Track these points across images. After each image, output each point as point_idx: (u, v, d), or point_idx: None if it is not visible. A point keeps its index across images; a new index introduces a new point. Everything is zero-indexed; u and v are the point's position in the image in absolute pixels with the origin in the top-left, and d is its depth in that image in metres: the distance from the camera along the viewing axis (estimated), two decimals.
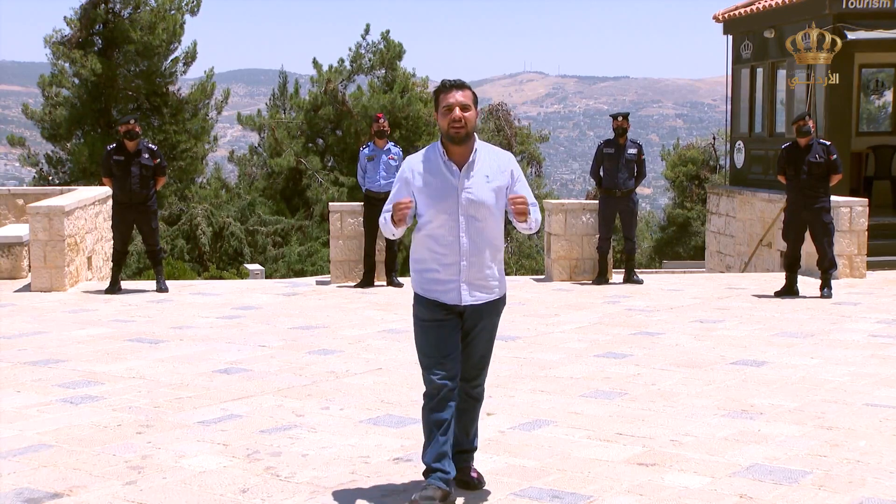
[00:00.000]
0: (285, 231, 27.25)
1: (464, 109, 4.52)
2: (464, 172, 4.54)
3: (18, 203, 14.23)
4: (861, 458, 5.32)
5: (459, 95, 4.54)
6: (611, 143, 12.32)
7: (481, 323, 4.64)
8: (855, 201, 13.27)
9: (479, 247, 4.56)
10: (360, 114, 28.41)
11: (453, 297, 4.57)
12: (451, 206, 4.53)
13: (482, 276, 4.59)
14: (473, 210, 4.53)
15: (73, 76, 26.30)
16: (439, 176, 4.55)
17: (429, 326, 4.59)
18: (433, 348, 4.58)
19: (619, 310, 10.28)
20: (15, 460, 5.23)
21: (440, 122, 4.56)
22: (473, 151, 4.57)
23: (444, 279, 4.57)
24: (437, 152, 4.60)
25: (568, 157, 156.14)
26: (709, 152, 36.08)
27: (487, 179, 4.56)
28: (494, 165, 4.60)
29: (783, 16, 17.22)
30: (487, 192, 4.55)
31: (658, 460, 5.26)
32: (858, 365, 7.61)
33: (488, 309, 4.65)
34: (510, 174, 4.64)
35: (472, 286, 4.58)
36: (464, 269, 4.55)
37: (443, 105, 4.55)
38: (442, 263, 4.56)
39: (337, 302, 10.76)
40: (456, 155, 4.56)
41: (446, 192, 4.53)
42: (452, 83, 4.60)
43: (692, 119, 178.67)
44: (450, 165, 4.55)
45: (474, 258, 4.56)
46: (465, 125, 4.51)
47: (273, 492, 4.78)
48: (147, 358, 7.76)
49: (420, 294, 4.65)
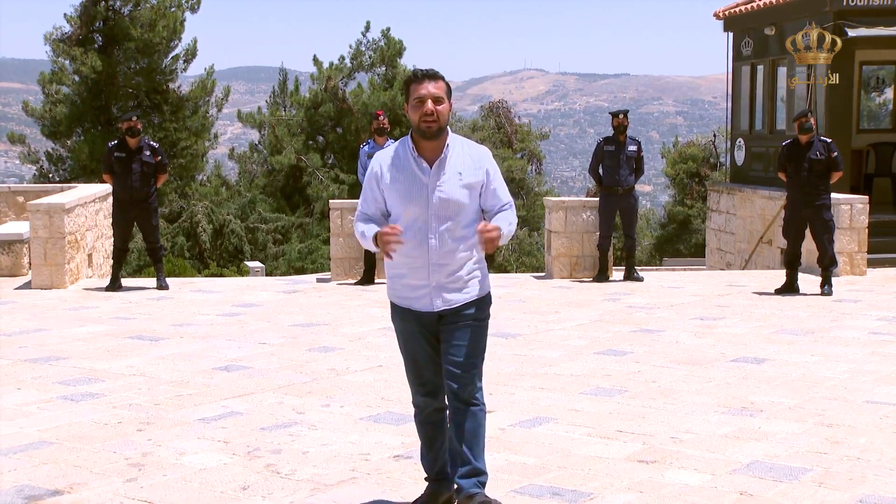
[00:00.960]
0: (286, 228, 27.24)
1: (436, 102, 4.17)
2: (435, 170, 4.21)
3: (19, 200, 14.23)
4: (861, 455, 5.32)
5: (432, 86, 4.18)
6: (611, 141, 12.32)
7: (462, 320, 4.29)
8: (855, 198, 13.26)
9: (449, 248, 4.22)
10: (360, 111, 28.40)
11: (425, 303, 4.27)
12: (420, 205, 4.20)
13: (454, 278, 4.26)
14: (445, 210, 4.21)
15: (73, 73, 26.30)
16: (409, 173, 4.22)
17: (405, 339, 4.37)
18: (410, 363, 4.39)
19: (620, 307, 10.28)
20: (15, 457, 5.23)
21: (410, 115, 4.21)
22: (446, 147, 4.24)
23: (415, 284, 4.27)
24: (406, 148, 4.26)
25: (568, 155, 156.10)
26: (709, 149, 36.06)
27: (460, 177, 4.23)
28: (468, 161, 4.27)
29: (784, 13, 17.21)
30: (459, 189, 4.22)
31: (658, 457, 5.26)
32: (859, 362, 7.62)
33: (468, 308, 4.31)
34: (485, 171, 4.30)
35: (443, 289, 4.25)
36: (433, 272, 4.23)
37: (413, 97, 4.19)
38: (412, 267, 4.24)
39: (337, 299, 10.76)
40: (427, 150, 4.23)
41: (416, 191, 4.20)
42: (424, 73, 4.22)
43: (693, 116, 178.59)
44: (420, 162, 4.22)
45: (445, 260, 4.22)
46: (437, 119, 4.16)
47: (273, 489, 4.79)
48: (147, 355, 7.76)
49: (393, 301, 4.38)
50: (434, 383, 4.37)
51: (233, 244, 25.76)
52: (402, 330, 4.37)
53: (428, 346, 4.34)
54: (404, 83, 4.28)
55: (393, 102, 27.82)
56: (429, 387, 4.38)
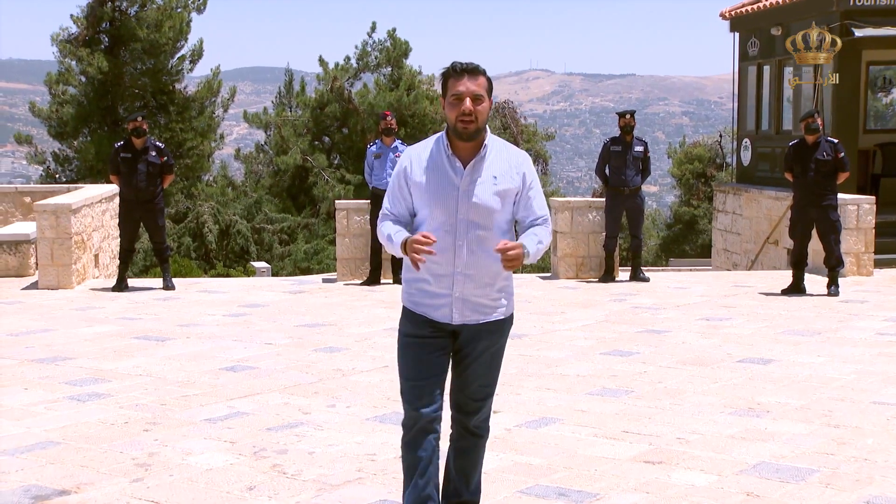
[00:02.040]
0: (292, 229, 27.24)
1: (476, 101, 3.84)
2: (468, 171, 3.90)
3: (25, 201, 14.26)
4: (868, 456, 5.31)
5: (472, 83, 3.86)
6: (617, 141, 12.31)
7: (481, 344, 3.98)
8: (862, 199, 13.23)
9: (478, 258, 3.89)
10: (366, 111, 28.41)
11: (444, 314, 3.93)
12: (449, 207, 3.89)
13: (480, 293, 3.93)
14: (475, 215, 3.89)
15: (79, 74, 26.35)
16: (440, 171, 3.92)
17: (411, 343, 3.99)
18: (412, 369, 3.97)
19: (626, 307, 10.27)
20: (22, 457, 5.24)
21: (447, 112, 3.89)
22: (483, 147, 3.92)
23: (436, 292, 3.93)
24: (441, 145, 3.96)
25: (574, 155, 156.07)
26: (715, 150, 36.02)
27: (495, 181, 3.91)
28: (505, 165, 3.95)
29: (790, 13, 17.18)
30: (492, 195, 3.90)
31: (664, 458, 5.25)
32: (866, 363, 7.60)
33: (489, 329, 3.98)
34: (522, 177, 3.96)
35: (466, 304, 3.92)
36: (458, 283, 3.90)
37: (451, 93, 3.87)
38: (435, 273, 3.91)
39: (343, 300, 10.76)
40: (462, 150, 3.92)
41: (446, 191, 3.90)
42: (464, 67, 3.89)
43: (699, 117, 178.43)
44: (453, 161, 3.91)
45: (472, 271, 3.90)
46: (475, 119, 3.84)
47: (279, 489, 4.79)
48: (154, 355, 7.77)
49: (407, 307, 4.03)
50: (432, 396, 3.97)
51: (239, 244, 25.76)
52: (410, 335, 4.00)
53: (436, 356, 3.97)
54: (441, 76, 3.94)
55: (399, 103, 27.83)
56: (426, 399, 3.95)
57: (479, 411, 4.09)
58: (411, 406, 3.96)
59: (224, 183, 29.61)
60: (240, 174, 32.59)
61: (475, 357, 3.99)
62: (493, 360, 4.05)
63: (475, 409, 4.07)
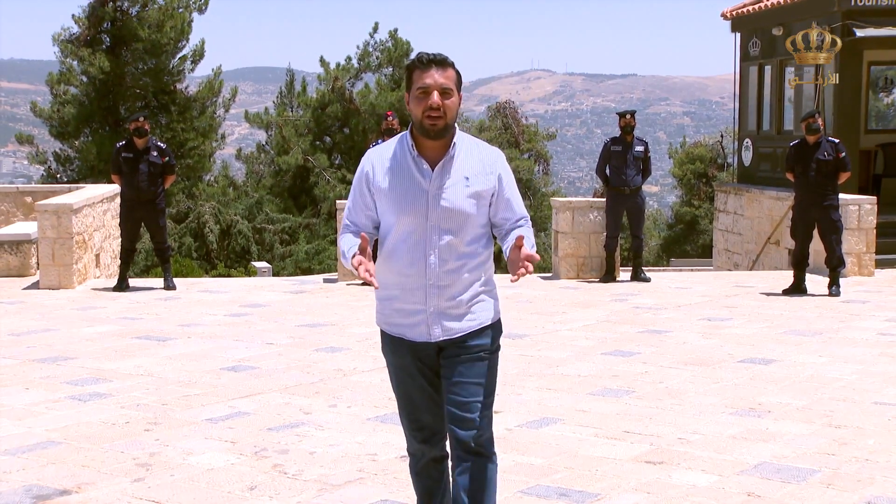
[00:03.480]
0: (293, 229, 27.26)
1: (444, 94, 3.49)
2: (437, 173, 3.54)
3: (27, 201, 14.27)
4: (870, 456, 5.31)
5: (439, 75, 3.50)
6: (618, 141, 12.31)
7: (466, 354, 3.61)
8: (863, 199, 13.23)
9: (451, 267, 3.56)
10: (367, 112, 28.43)
11: (421, 332, 3.59)
12: (418, 213, 3.53)
13: (456, 302, 3.59)
14: (447, 221, 3.53)
15: (81, 74, 26.38)
16: (406, 175, 3.55)
17: (396, 374, 3.70)
18: (406, 403, 3.70)
19: (627, 308, 10.27)
20: (24, 457, 5.24)
21: (412, 108, 3.54)
22: (451, 146, 3.56)
23: (409, 309, 3.59)
24: (405, 146, 3.60)
25: (575, 155, 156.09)
26: (717, 150, 36.03)
27: (467, 182, 3.56)
28: (477, 164, 3.60)
29: (791, 13, 17.18)
30: (465, 198, 3.55)
31: (666, 458, 5.25)
32: (867, 363, 7.60)
33: (474, 338, 3.63)
34: (497, 178, 3.62)
35: (443, 316, 3.58)
36: (432, 296, 3.55)
37: (416, 86, 3.52)
38: (406, 289, 3.57)
39: (344, 300, 10.77)
40: (429, 150, 3.56)
41: (413, 197, 3.53)
42: (431, 58, 3.53)
43: (700, 117, 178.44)
44: (420, 163, 3.55)
45: (445, 281, 3.55)
46: (444, 115, 3.49)
47: (281, 489, 4.79)
48: (155, 355, 7.78)
49: (383, 330, 3.70)
50: (433, 428, 3.71)
51: (240, 245, 25.77)
52: (394, 364, 3.70)
53: (426, 384, 3.66)
54: (406, 69, 3.59)
55: (400, 103, 27.83)
56: (426, 432, 3.71)
57: (477, 426, 3.61)
58: (415, 439, 3.72)
59: (225, 183, 29.62)
60: (241, 174, 32.62)
61: (463, 369, 3.60)
62: (482, 369, 3.63)
63: (470, 426, 3.59)
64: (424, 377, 3.66)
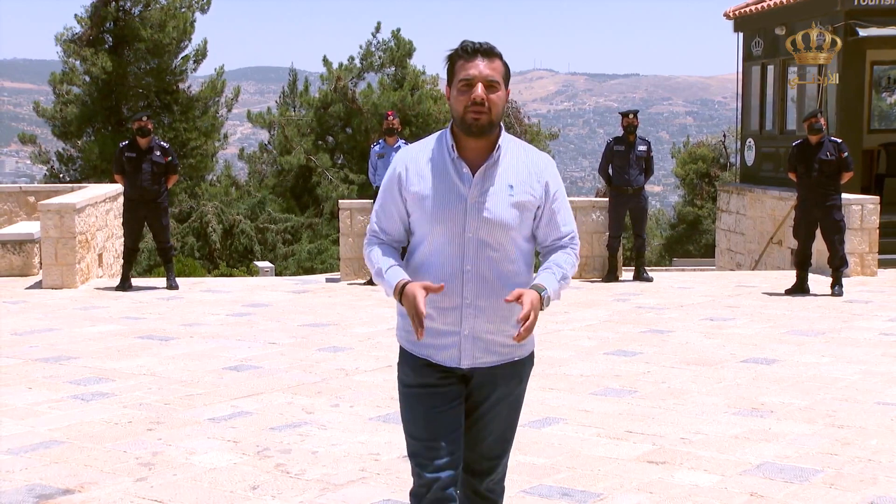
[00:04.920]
0: (295, 228, 27.26)
1: (490, 88, 3.10)
2: (479, 177, 3.14)
3: (30, 200, 14.28)
4: (872, 456, 5.31)
5: (485, 66, 3.10)
6: (621, 141, 12.32)
7: (497, 391, 3.27)
8: (866, 199, 13.22)
9: (491, 285, 3.17)
10: (370, 111, 28.42)
11: (451, 355, 3.20)
12: (455, 222, 3.15)
13: (495, 329, 3.21)
14: (486, 232, 3.15)
15: (83, 74, 26.40)
16: (444, 179, 3.16)
17: (416, 395, 3.24)
18: (421, 427, 3.22)
19: (629, 307, 10.27)
20: (26, 456, 5.25)
21: (453, 103, 3.13)
22: (497, 149, 3.16)
23: (440, 329, 3.19)
24: (444, 145, 3.20)
25: (578, 155, 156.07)
26: (719, 150, 36.01)
27: (511, 191, 3.16)
28: (523, 171, 3.19)
29: (794, 13, 17.17)
30: (508, 208, 3.15)
31: (668, 458, 5.25)
32: (870, 363, 7.59)
33: (507, 373, 3.28)
34: (544, 187, 3.21)
35: (478, 343, 3.20)
36: (467, 317, 3.17)
37: (460, 78, 3.11)
38: (438, 306, 3.17)
39: (347, 299, 10.77)
40: (471, 151, 3.16)
41: (450, 203, 3.14)
42: (476, 47, 3.13)
43: (702, 116, 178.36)
44: (460, 165, 3.15)
45: (484, 301, 3.17)
46: (489, 111, 3.09)
47: (283, 489, 4.79)
48: (158, 355, 7.78)
49: (406, 349, 3.30)
50: (449, 458, 3.21)
51: (242, 244, 25.78)
52: (413, 385, 3.26)
53: (449, 409, 3.22)
54: (448, 58, 3.18)
55: (402, 103, 27.84)
56: (441, 462, 3.20)
57: (493, 471, 3.34)
58: (423, 469, 3.21)
59: (228, 183, 29.65)
60: (243, 174, 32.63)
61: (489, 408, 3.28)
62: (510, 410, 3.32)
63: (488, 469, 3.33)
64: (446, 399, 3.22)
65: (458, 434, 3.23)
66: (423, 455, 3.20)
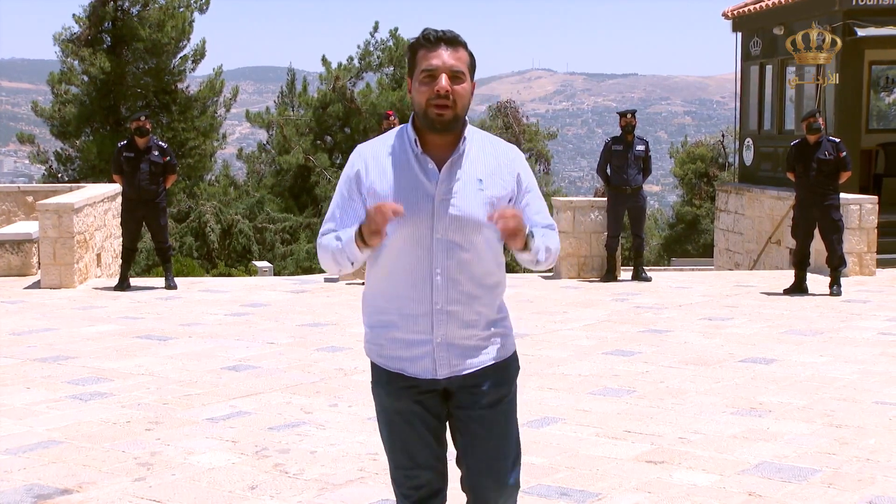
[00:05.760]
0: (294, 228, 27.27)
1: (454, 79, 2.88)
2: (445, 174, 2.93)
3: (28, 200, 14.27)
4: (871, 456, 5.31)
5: (449, 56, 2.88)
6: (619, 140, 12.32)
7: (482, 400, 3.01)
8: (865, 199, 13.23)
9: (462, 288, 2.96)
10: (368, 111, 28.43)
11: (425, 367, 2.98)
12: (421, 223, 2.92)
13: (468, 334, 2.99)
14: (457, 232, 2.93)
15: (82, 74, 26.40)
16: (407, 175, 2.94)
17: (393, 422, 3.04)
18: (400, 455, 3.03)
19: (628, 307, 10.27)
20: (24, 456, 5.24)
21: (415, 96, 2.91)
22: (462, 142, 2.95)
23: (411, 339, 2.99)
24: (405, 140, 2.97)
25: (576, 155, 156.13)
26: (718, 150, 36.02)
27: (480, 185, 2.95)
28: (492, 163, 2.99)
29: (792, 13, 17.17)
30: (479, 204, 2.93)
31: (667, 458, 5.25)
32: (868, 363, 7.59)
33: (488, 376, 3.02)
34: (515, 179, 3.02)
35: (453, 349, 2.98)
36: (439, 324, 2.96)
37: (421, 68, 2.89)
38: (406, 314, 2.99)
39: (345, 299, 10.77)
40: (435, 147, 2.94)
41: (416, 202, 2.91)
42: (439, 35, 2.91)
43: (701, 116, 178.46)
44: (424, 161, 2.93)
45: (455, 306, 2.96)
46: (453, 104, 2.87)
47: (282, 488, 4.79)
48: (156, 355, 7.78)
49: (377, 364, 3.11)
50: (432, 486, 3.05)
51: (241, 244, 25.79)
52: (387, 408, 3.07)
53: (426, 432, 3.02)
54: (409, 48, 2.98)
55: (401, 103, 27.85)
56: (424, 491, 3.04)
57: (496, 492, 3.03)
58: (406, 499, 3.05)
59: (226, 182, 29.65)
60: (242, 174, 32.63)
61: (478, 417, 3.02)
62: (505, 415, 3.05)
63: (488, 491, 3.03)
64: (425, 424, 3.02)
65: (438, 459, 3.05)
66: (405, 484, 3.05)
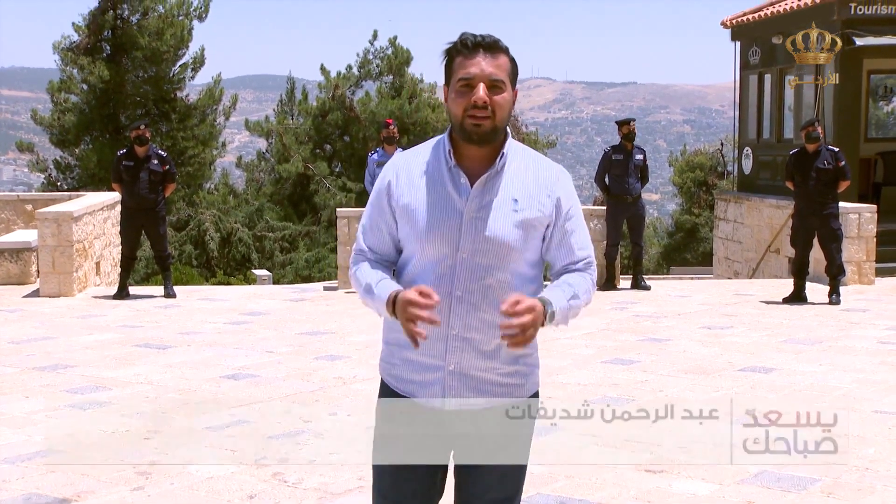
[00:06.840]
0: (293, 237, 27.28)
1: (493, 88, 2.64)
2: (477, 190, 2.69)
3: (27, 209, 14.27)
4: (870, 465, 5.30)
5: (488, 64, 2.63)
6: (619, 150, 12.33)
7: (490, 440, 2.79)
8: (863, 207, 13.23)
9: (483, 317, 2.69)
10: (367, 119, 28.46)
11: (433, 393, 2.73)
12: (447, 241, 2.68)
13: (485, 366, 2.73)
14: (484, 255, 2.68)
15: (81, 82, 26.42)
16: (437, 189, 2.70)
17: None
18: (390, 485, 2.82)
19: (627, 316, 10.27)
20: (23, 465, 5.24)
21: (451, 106, 2.67)
22: (500, 157, 2.70)
23: (423, 362, 2.74)
24: (441, 152, 2.74)
25: (575, 163, 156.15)
26: (717, 158, 36.06)
27: (515, 205, 2.69)
28: (531, 184, 2.72)
29: (791, 22, 17.20)
30: (510, 225, 2.68)
31: (666, 467, 5.24)
32: (867, 372, 7.59)
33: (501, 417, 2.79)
34: (555, 203, 2.74)
35: (466, 380, 2.72)
36: (454, 350, 2.70)
37: (458, 77, 2.65)
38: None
39: (344, 308, 10.76)
40: (470, 160, 2.71)
41: (443, 217, 2.68)
42: (478, 41, 2.65)
43: (700, 125, 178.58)
44: (457, 175, 2.70)
45: (474, 334, 2.70)
46: (492, 115, 2.63)
47: (281, 498, 4.78)
48: (155, 363, 7.77)
49: (386, 382, 2.87)
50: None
51: (240, 252, 25.79)
52: (385, 433, 2.85)
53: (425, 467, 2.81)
54: (445, 54, 2.70)
55: (400, 111, 27.88)
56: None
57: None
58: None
59: (225, 191, 29.67)
60: (241, 182, 32.65)
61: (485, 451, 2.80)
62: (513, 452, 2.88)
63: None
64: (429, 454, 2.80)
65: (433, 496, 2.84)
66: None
